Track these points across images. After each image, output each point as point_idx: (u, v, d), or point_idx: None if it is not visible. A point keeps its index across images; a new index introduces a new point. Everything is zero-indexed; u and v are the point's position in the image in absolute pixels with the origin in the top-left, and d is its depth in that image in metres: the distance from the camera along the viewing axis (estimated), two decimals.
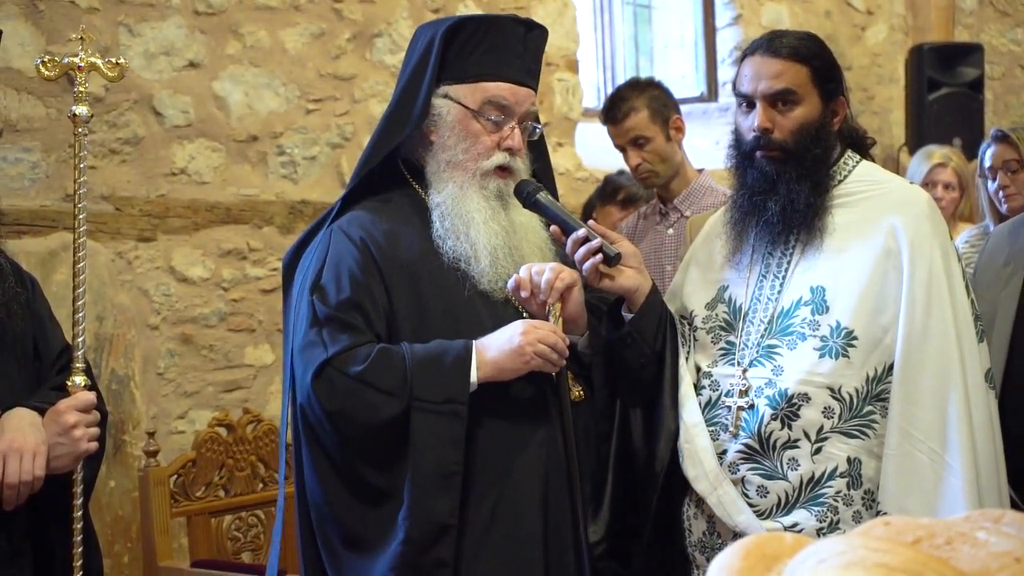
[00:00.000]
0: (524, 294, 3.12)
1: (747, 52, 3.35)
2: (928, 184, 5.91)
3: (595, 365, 3.27)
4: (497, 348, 3.07)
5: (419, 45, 3.30)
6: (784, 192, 3.21)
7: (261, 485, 4.75)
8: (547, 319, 3.13)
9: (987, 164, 4.98)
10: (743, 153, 3.30)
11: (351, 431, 3.05)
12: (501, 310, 3.20)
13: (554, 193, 3.45)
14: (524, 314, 3.20)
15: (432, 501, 3.01)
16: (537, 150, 3.40)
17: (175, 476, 4.55)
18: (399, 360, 3.04)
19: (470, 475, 3.07)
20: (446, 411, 3.03)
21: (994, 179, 4.95)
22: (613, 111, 5.05)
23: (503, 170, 3.21)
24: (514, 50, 3.25)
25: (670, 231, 4.96)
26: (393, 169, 3.33)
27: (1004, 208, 4.97)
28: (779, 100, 3.23)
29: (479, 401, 3.09)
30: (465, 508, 3.05)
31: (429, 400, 3.02)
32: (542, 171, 3.41)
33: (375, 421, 3.02)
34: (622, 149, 5.08)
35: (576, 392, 3.21)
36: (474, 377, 3.05)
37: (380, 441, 3.04)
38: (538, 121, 3.34)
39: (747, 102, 3.28)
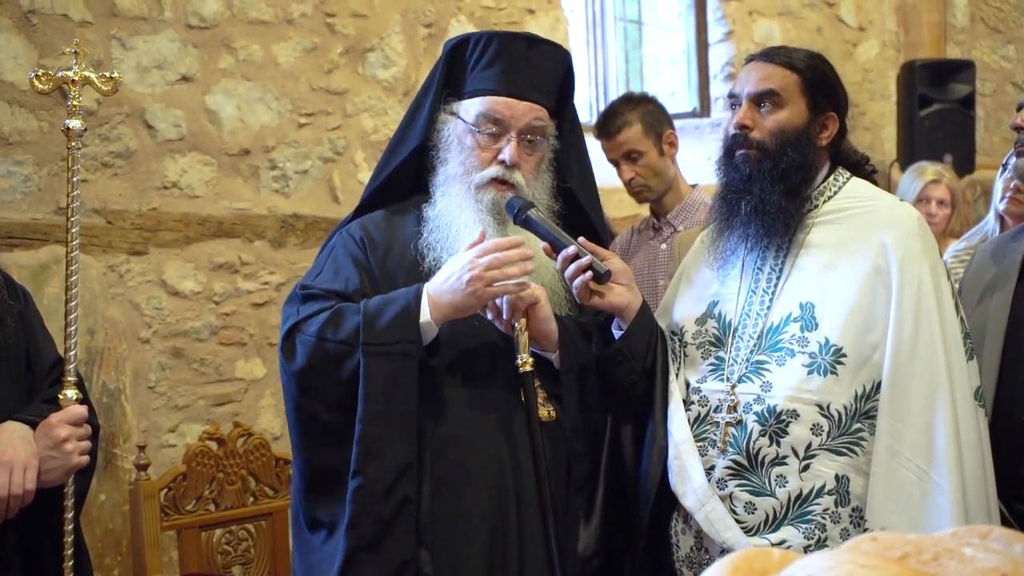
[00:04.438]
0: (490, 315, 3.15)
1: (747, 60, 3.39)
2: (922, 200, 5.91)
3: (566, 384, 3.26)
4: (448, 289, 3.09)
5: (438, 61, 3.40)
6: (757, 192, 3.23)
7: (251, 499, 4.74)
8: (514, 337, 3.14)
9: (1013, 160, 4.91)
10: (725, 151, 3.34)
11: (320, 388, 3.12)
12: (477, 326, 3.22)
13: (595, 209, 3.50)
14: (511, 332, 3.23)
15: (388, 439, 3.04)
16: (577, 168, 3.44)
17: (165, 490, 4.54)
18: (353, 312, 3.10)
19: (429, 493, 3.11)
20: (396, 351, 3.06)
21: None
22: (607, 125, 5.06)
23: (500, 183, 3.22)
24: (514, 64, 3.27)
25: (663, 246, 4.97)
26: (416, 182, 3.41)
27: (1001, 206, 4.96)
28: (763, 101, 3.27)
29: (442, 413, 3.14)
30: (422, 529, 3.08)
31: (378, 343, 3.06)
32: (582, 189, 3.43)
33: (340, 375, 3.08)
34: (615, 163, 5.09)
35: (546, 412, 3.21)
36: (426, 317, 3.08)
37: (349, 393, 3.07)
38: (544, 135, 3.32)
39: (736, 103, 3.32)
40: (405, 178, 3.39)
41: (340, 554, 3.03)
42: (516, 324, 3.13)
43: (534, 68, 3.31)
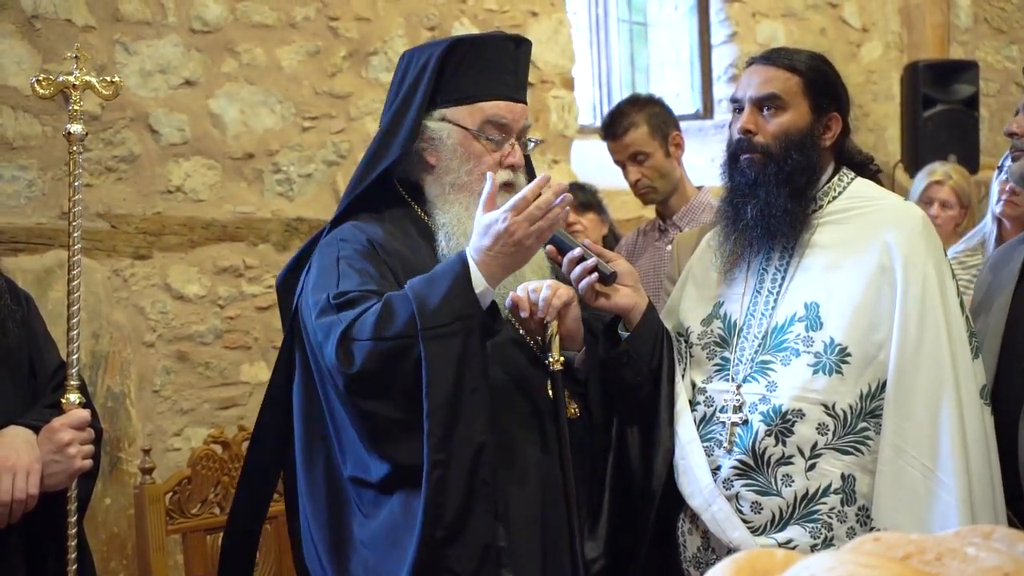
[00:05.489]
0: (523, 313, 3.11)
1: (748, 63, 3.39)
2: (925, 201, 5.89)
3: (591, 382, 3.27)
4: (501, 254, 2.99)
5: (411, 69, 3.32)
6: (763, 195, 3.23)
7: None
8: (545, 337, 3.13)
9: (1008, 163, 4.90)
10: (729, 156, 3.34)
11: (386, 388, 2.98)
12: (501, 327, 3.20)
13: None
14: (521, 331, 3.22)
15: (462, 424, 2.92)
16: (528, 165, 3.41)
17: (170, 493, 4.53)
18: (402, 302, 2.97)
19: None
20: (455, 330, 2.94)
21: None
22: (613, 127, 5.06)
23: (508, 187, 3.21)
24: (507, 67, 3.27)
25: (669, 247, 4.95)
26: (388, 191, 3.34)
27: (997, 209, 4.95)
28: (765, 104, 3.27)
29: None
30: None
31: (435, 326, 2.93)
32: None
33: (404, 369, 2.94)
34: (621, 165, 5.09)
35: (572, 409, 3.20)
36: (482, 286, 2.98)
37: (416, 384, 2.94)
38: (529, 134, 3.33)
39: (739, 107, 3.32)
40: (378, 190, 3.32)
41: (414, 549, 2.93)
42: (548, 324, 3.13)
43: (521, 69, 3.32)
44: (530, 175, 3.39)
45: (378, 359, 2.95)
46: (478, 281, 2.98)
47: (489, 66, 3.25)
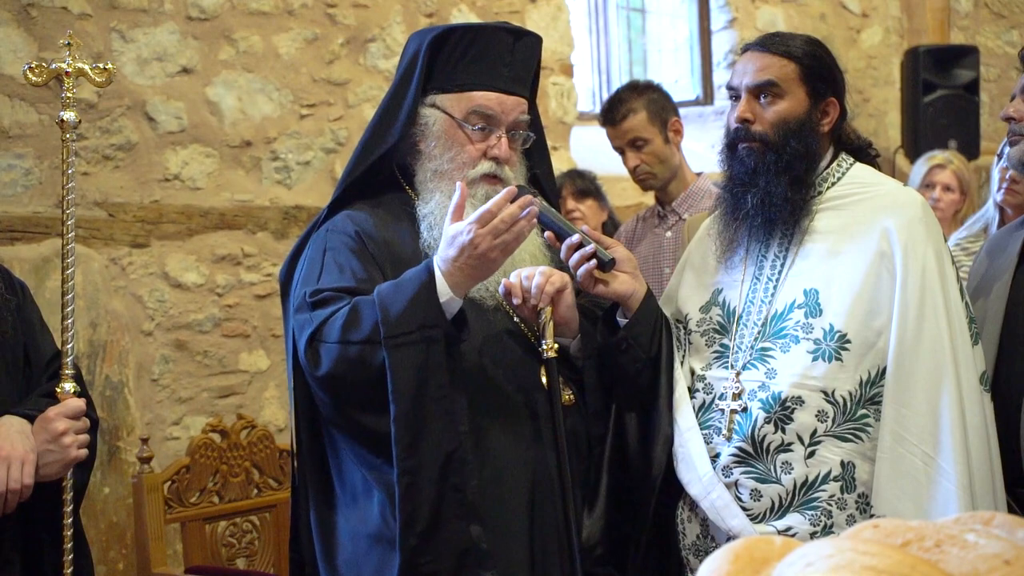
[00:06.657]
0: (516, 300, 3.11)
1: (743, 49, 3.37)
2: (927, 186, 5.89)
3: (586, 368, 3.26)
4: (466, 265, 2.98)
5: (408, 53, 3.33)
6: (763, 184, 3.22)
7: (255, 491, 4.74)
8: (539, 324, 3.12)
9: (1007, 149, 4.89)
10: (727, 145, 3.32)
11: (354, 393, 3.01)
12: (491, 316, 3.20)
13: (554, 196, 3.46)
14: (515, 319, 3.21)
15: (426, 432, 2.94)
16: (539, 154, 3.39)
17: (169, 482, 4.54)
18: (369, 306, 2.99)
19: None
20: (418, 339, 2.95)
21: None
22: (612, 113, 5.06)
23: (492, 178, 3.20)
24: (501, 59, 3.25)
25: (668, 234, 4.97)
26: (388, 174, 3.34)
27: (998, 197, 4.95)
28: (762, 92, 3.25)
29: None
30: None
31: (398, 334, 2.94)
32: (544, 175, 3.41)
33: (370, 376, 2.96)
34: (620, 151, 5.08)
35: (566, 396, 3.20)
36: (447, 295, 2.98)
37: (383, 391, 2.95)
38: (530, 128, 3.31)
39: (735, 95, 3.30)
40: (374, 173, 3.33)
41: (399, 557, 2.95)
42: (542, 311, 3.12)
43: (518, 61, 3.29)
44: (531, 168, 3.39)
45: (344, 363, 2.98)
46: (443, 291, 2.99)
47: (482, 56, 3.24)
